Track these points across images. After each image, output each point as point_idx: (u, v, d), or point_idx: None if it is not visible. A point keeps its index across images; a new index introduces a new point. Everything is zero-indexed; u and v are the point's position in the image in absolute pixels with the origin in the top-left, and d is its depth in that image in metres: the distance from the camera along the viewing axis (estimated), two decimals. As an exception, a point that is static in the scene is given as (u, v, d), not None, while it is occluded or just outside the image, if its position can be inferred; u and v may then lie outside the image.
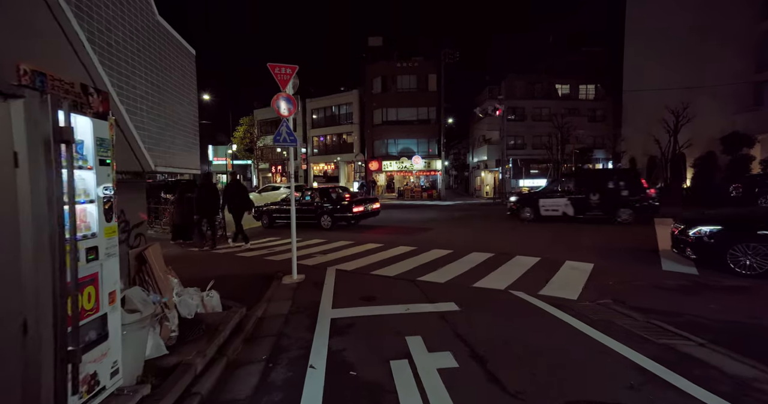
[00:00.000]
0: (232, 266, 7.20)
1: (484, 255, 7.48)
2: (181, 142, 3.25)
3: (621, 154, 26.96)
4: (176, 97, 3.22)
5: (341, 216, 11.91)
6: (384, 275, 6.20)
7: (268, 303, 4.92)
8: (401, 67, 33.22)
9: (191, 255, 8.51)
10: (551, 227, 11.48)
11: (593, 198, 12.16)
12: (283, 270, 6.44)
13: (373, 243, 9.11)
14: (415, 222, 14.19)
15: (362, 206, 12.20)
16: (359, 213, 12.03)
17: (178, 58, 6.01)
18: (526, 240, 9.27)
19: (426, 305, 4.61)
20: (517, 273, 5.99)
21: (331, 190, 13.15)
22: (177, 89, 3.21)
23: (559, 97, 34.87)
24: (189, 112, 3.53)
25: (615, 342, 3.40)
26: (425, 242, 9.13)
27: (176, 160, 3.11)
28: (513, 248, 8.13)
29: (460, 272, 6.21)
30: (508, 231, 11.21)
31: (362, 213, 12.19)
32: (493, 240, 9.57)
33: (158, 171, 3.02)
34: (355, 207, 11.86)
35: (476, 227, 12.40)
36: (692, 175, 22.92)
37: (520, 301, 4.66)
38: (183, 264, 7.40)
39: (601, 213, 12.18)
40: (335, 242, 9.52)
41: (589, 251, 7.67)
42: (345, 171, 37.30)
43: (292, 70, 5.89)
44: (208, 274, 6.31)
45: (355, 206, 11.88)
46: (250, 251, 8.63)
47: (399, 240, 9.46)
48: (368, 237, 10.40)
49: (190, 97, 3.70)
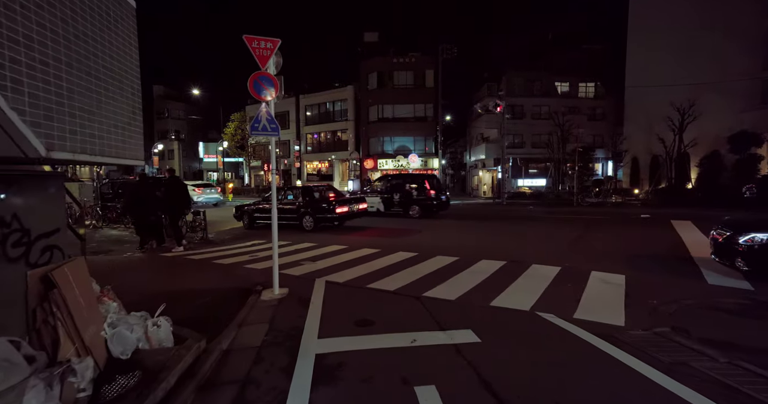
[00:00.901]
0: (204, 277, 6.21)
1: (495, 263, 6.56)
2: (110, 123, 2.42)
3: (623, 153, 26.21)
4: (100, 57, 2.35)
5: (323, 218, 11.03)
6: (382, 289, 5.26)
7: (239, 328, 3.95)
8: (398, 62, 32.24)
9: (160, 262, 7.50)
10: (564, 229, 10.62)
11: (395, 198, 14.58)
12: (265, 283, 5.48)
13: (369, 249, 8.16)
14: (412, 222, 13.27)
15: (346, 206, 11.30)
16: (343, 214, 11.16)
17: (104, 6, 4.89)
18: (539, 245, 8.38)
19: (437, 334, 3.67)
20: (539, 288, 5.07)
21: (315, 188, 12.27)
22: (102, 47, 2.36)
23: (558, 95, 34.11)
24: (125, 83, 2.65)
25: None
26: (427, 247, 8.20)
27: (102, 146, 2.28)
28: (526, 254, 7.23)
29: (472, 285, 5.28)
30: (514, 234, 10.32)
31: (347, 214, 11.34)
32: (501, 244, 8.66)
33: (61, 159, 2.16)
34: (339, 207, 10.99)
35: (479, 229, 11.51)
36: (697, 174, 22.24)
37: (554, 329, 3.74)
38: (146, 275, 6.40)
39: (401, 210, 14.48)
40: (326, 247, 8.55)
41: (612, 259, 6.79)
42: (339, 169, 36.28)
43: (273, 44, 4.92)
44: (174, 288, 5.35)
45: (339, 206, 11.00)
46: (230, 257, 7.64)
47: (397, 245, 8.52)
48: (362, 240, 9.45)
49: (125, 62, 2.80)
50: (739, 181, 19.21)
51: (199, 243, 9.62)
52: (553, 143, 27.81)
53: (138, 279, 5.99)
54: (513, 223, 12.69)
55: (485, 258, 6.97)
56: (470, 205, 22.79)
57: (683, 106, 20.91)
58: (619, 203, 19.91)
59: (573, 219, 13.52)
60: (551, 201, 22.72)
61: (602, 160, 33.18)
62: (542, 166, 33.33)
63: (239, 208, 12.89)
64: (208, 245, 9.43)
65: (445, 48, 29.84)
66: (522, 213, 16.66)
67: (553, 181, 27.91)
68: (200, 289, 5.33)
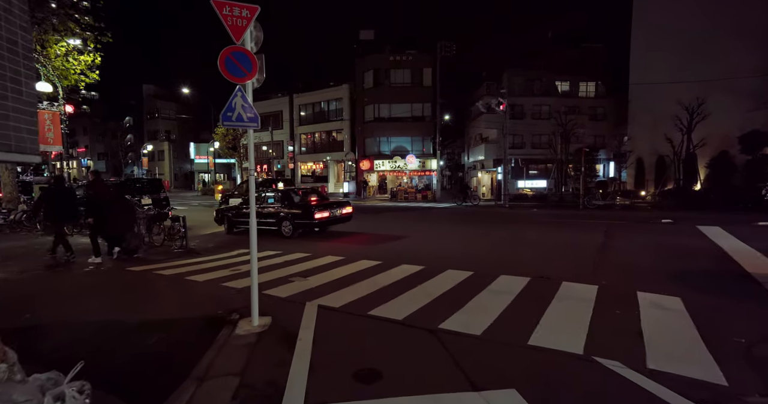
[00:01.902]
0: (169, 300, 5.15)
1: (517, 280, 5.57)
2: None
3: (627, 154, 25.42)
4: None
5: (302, 223, 10.14)
6: (387, 318, 4.24)
7: (198, 386, 2.91)
8: (395, 60, 31.30)
9: (120, 279, 6.42)
10: (583, 236, 9.67)
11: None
12: (244, 308, 4.44)
13: (368, 260, 7.15)
14: (415, 228, 12.27)
15: (327, 211, 10.37)
16: (323, 219, 10.21)
17: None
18: (560, 256, 7.41)
19: (469, 397, 2.66)
20: (582, 317, 4.09)
21: (295, 190, 11.46)
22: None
23: (559, 94, 33.32)
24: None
25: None
26: (435, 258, 7.20)
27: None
28: (550, 268, 6.26)
29: (498, 312, 4.29)
30: (528, 241, 9.35)
31: (327, 220, 10.40)
32: (517, 254, 7.69)
33: None
34: (318, 212, 10.05)
35: (489, 235, 10.53)
36: (705, 175, 21.48)
37: (633, 389, 2.74)
38: (93, 300, 5.28)
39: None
40: (319, 258, 7.52)
41: (654, 275, 5.84)
42: (335, 170, 35.23)
43: (250, 11, 3.90)
44: (124, 319, 4.24)
45: (318, 211, 10.08)
46: (207, 272, 6.58)
47: (400, 255, 7.52)
48: (357, 249, 8.43)
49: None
50: (751, 182, 18.45)
51: (177, 254, 8.55)
52: (555, 143, 26.99)
53: (78, 308, 4.88)
54: (522, 228, 11.74)
55: (505, 272, 5.99)
56: (471, 208, 21.85)
57: (692, 105, 20.14)
58: (626, 206, 19.06)
59: (586, 224, 12.60)
60: (555, 203, 21.85)
61: (604, 160, 32.46)
62: (542, 168, 32.51)
63: (219, 211, 12.11)
64: (186, 255, 8.36)
65: (443, 45, 29.00)
66: (528, 217, 15.73)
67: (555, 183, 27.05)
68: (158, 320, 4.27)
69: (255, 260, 4.18)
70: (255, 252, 4.19)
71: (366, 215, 17.16)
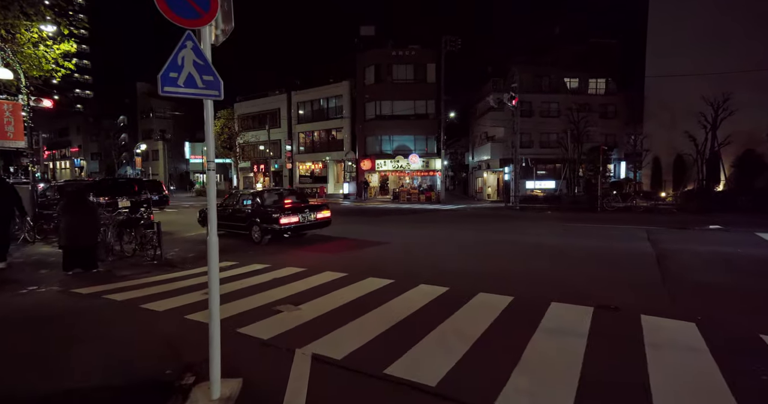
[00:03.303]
0: (100, 349, 3.70)
1: (575, 311, 4.21)
2: None
3: (644, 153, 24.06)
4: None
5: (269, 229, 9.22)
6: (415, 383, 2.85)
7: None
8: (397, 55, 29.96)
9: (54, 308, 5.01)
10: (632, 246, 8.29)
11: None
12: (205, 362, 3.06)
13: (375, 278, 5.77)
14: (423, 234, 10.91)
15: (296, 216, 9.33)
16: (289, 225, 9.18)
17: None
18: (610, 272, 6.03)
19: None
20: (712, 382, 2.71)
21: (268, 191, 10.71)
22: None
23: (568, 91, 31.96)
24: None
25: None
26: (458, 277, 5.82)
27: None
28: (609, 290, 4.89)
29: (575, 370, 2.90)
30: (561, 251, 7.97)
31: (296, 226, 9.37)
32: (558, 269, 6.31)
33: None
34: (284, 217, 9.08)
35: (510, 243, 9.13)
36: (728, 175, 20.14)
37: None
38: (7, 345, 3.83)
39: None
40: (313, 276, 6.12)
41: (749, 299, 4.48)
42: (334, 171, 33.85)
43: None
44: (13, 392, 2.81)
45: (284, 216, 9.09)
46: (172, 296, 5.18)
47: (409, 270, 6.13)
48: (358, 260, 7.05)
49: None
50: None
51: (147, 267, 7.17)
52: (567, 142, 25.63)
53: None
54: (545, 234, 10.36)
55: (553, 298, 4.61)
56: (480, 211, 20.48)
57: (717, 100, 18.80)
58: (649, 208, 17.69)
59: (619, 230, 11.21)
60: (569, 205, 20.47)
61: (615, 160, 31.13)
62: (551, 168, 31.15)
63: (203, 213, 11.48)
64: (157, 269, 6.98)
65: (448, 39, 27.66)
66: (544, 220, 14.35)
67: (567, 184, 25.68)
68: (64, 391, 2.86)
69: (216, 277, 2.79)
70: (216, 283, 2.80)
71: (365, 218, 15.76)
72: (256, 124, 36.87)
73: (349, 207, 23.37)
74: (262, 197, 9.92)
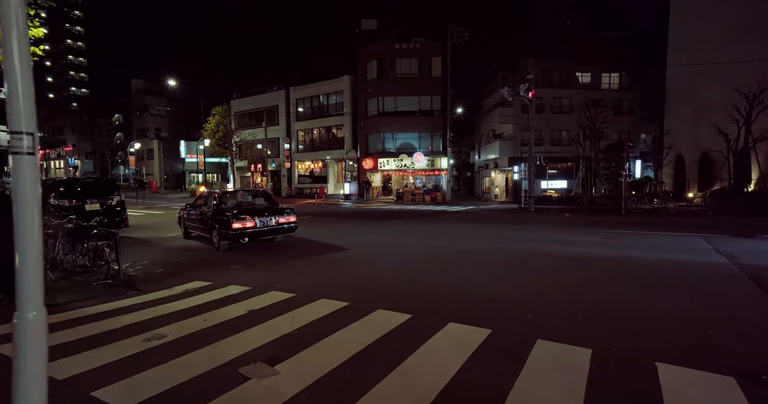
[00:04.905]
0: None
1: (719, 382, 2.67)
2: None
3: (666, 151, 22.47)
4: None
5: (224, 234, 8.42)
6: None
7: None
8: (400, 48, 28.42)
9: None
10: (710, 262, 6.74)
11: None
12: None
13: (386, 311, 4.24)
14: (439, 247, 9.37)
15: (251, 220, 8.37)
16: (244, 230, 8.26)
17: None
18: (711, 306, 4.50)
19: None
20: None
21: (232, 193, 10.34)
22: None
23: (580, 86, 30.38)
24: None
25: None
26: (509, 316, 4.29)
27: None
28: (739, 340, 3.36)
29: None
30: (623, 270, 6.43)
31: (252, 231, 8.38)
32: (639, 296, 4.77)
33: None
34: (236, 221, 8.18)
35: (548, 256, 7.58)
36: (762, 173, 18.56)
37: None
38: None
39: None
40: (308, 310, 4.59)
41: None
42: (335, 170, 32.33)
43: None
44: None
45: (237, 221, 8.19)
46: (103, 342, 3.66)
47: (441, 300, 4.60)
48: (360, 284, 5.52)
49: None
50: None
51: (97, 289, 5.66)
52: (582, 139, 24.07)
53: None
54: (582, 244, 8.81)
55: (674, 357, 3.08)
56: (492, 213, 18.92)
57: (752, 91, 17.24)
58: (680, 210, 16.10)
59: (670, 238, 9.65)
60: (588, 207, 18.91)
61: (631, 158, 29.54)
62: (563, 166, 29.60)
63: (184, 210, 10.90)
64: (107, 293, 5.48)
65: (455, 31, 26.14)
66: (569, 224, 12.79)
67: (582, 183, 24.12)
68: None
69: None
70: None
71: (367, 223, 14.21)
72: (253, 122, 35.37)
73: (349, 208, 21.85)
74: (221, 199, 9.20)
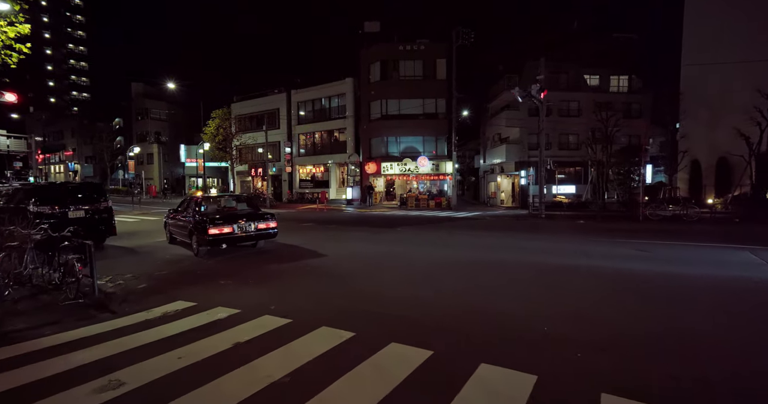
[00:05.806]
0: None
1: None
2: None
3: (681, 155, 21.64)
4: None
5: (202, 239, 8.36)
6: None
7: None
8: (404, 50, 27.79)
9: None
10: None
11: None
12: None
13: (404, 347, 3.43)
14: (455, 257, 8.55)
15: (228, 226, 8.34)
16: (221, 236, 8.23)
17: None
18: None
19: None
20: None
21: (213, 198, 10.47)
22: None
23: (588, 88, 29.65)
24: None
25: None
26: (551, 349, 3.47)
27: None
28: None
29: None
30: (687, 289, 5.59)
31: (230, 237, 8.39)
32: (708, 329, 3.94)
33: None
34: (213, 228, 8.17)
35: (576, 272, 6.74)
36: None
37: None
38: None
39: None
40: (303, 345, 3.78)
41: None
42: (336, 174, 31.60)
43: None
44: None
45: (213, 227, 8.17)
46: (36, 397, 2.86)
47: (457, 323, 3.79)
48: (371, 309, 4.70)
49: None
50: None
51: (64, 310, 4.87)
52: (593, 143, 23.27)
53: None
54: (616, 258, 7.96)
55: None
56: (501, 219, 18.07)
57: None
58: (702, 218, 15.23)
59: (706, 250, 8.80)
60: (601, 213, 18.06)
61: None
62: (572, 171, 28.80)
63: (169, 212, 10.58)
64: (75, 315, 4.69)
65: (460, 32, 25.46)
66: (589, 234, 11.95)
67: (594, 189, 23.27)
68: None
69: None
70: None
71: (370, 230, 13.37)
72: (253, 125, 34.74)
73: (352, 214, 21.04)
74: (200, 204, 9.11)
